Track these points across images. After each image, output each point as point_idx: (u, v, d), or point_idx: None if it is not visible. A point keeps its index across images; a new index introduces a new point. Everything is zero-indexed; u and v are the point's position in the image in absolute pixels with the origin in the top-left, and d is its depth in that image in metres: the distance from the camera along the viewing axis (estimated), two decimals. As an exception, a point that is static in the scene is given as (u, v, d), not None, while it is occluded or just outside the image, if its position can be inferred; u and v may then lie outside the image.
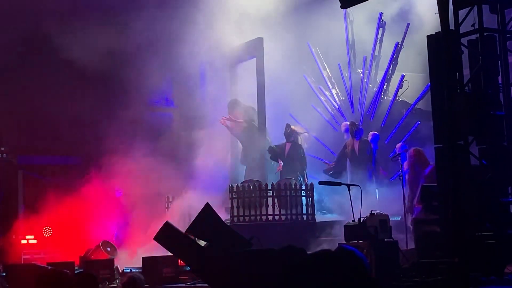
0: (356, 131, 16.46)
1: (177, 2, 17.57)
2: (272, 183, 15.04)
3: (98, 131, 18.26)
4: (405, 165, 14.85)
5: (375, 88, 18.76)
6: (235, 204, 14.89)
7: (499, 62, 11.03)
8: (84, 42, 17.18)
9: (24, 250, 17.53)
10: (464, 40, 10.95)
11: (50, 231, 18.03)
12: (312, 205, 14.92)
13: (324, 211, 16.39)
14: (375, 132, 17.21)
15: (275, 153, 16.57)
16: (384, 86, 18.65)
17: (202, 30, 17.07)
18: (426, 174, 14.02)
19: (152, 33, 18.24)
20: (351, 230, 11.24)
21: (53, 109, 17.97)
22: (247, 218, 14.77)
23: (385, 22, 18.62)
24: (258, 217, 14.71)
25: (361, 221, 11.12)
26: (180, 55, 17.35)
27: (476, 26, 10.88)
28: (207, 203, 10.43)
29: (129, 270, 14.02)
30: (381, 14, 18.45)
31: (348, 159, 16.59)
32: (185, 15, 17.28)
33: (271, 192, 14.83)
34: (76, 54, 17.12)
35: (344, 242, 11.31)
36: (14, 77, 18.30)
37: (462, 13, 10.95)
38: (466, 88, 10.79)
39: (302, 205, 14.80)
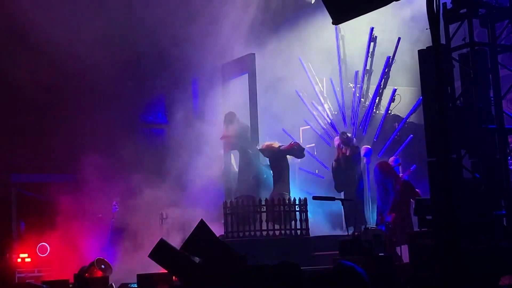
0: (346, 139, 16.37)
1: (169, 18, 17.61)
2: (266, 198, 14.99)
3: (91, 149, 18.23)
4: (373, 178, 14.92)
5: (367, 103, 18.80)
6: (229, 220, 14.85)
7: (490, 75, 11.09)
8: (75, 57, 17.17)
9: (19, 269, 17.47)
10: (455, 54, 11.03)
11: (44, 249, 17.98)
12: (306, 220, 14.87)
13: None
14: (368, 146, 17.25)
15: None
16: (376, 100, 18.69)
17: (194, 46, 17.11)
18: (399, 187, 14.16)
19: (144, 49, 18.27)
20: (346, 245, 11.25)
21: (46, 127, 17.94)
22: (241, 234, 14.72)
23: (376, 37, 18.69)
24: (252, 233, 14.66)
25: (356, 235, 11.14)
26: (172, 71, 17.40)
27: (467, 40, 10.96)
28: (202, 219, 10.45)
29: (124, 288, 13.98)
30: (372, 29, 18.53)
31: (340, 165, 16.45)
32: (177, 31, 17.33)
33: (264, 207, 14.77)
34: (66, 69, 17.12)
35: (338, 257, 11.33)
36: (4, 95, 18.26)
37: (453, 27, 11.04)
38: (458, 101, 10.85)
39: (296, 220, 14.76)
